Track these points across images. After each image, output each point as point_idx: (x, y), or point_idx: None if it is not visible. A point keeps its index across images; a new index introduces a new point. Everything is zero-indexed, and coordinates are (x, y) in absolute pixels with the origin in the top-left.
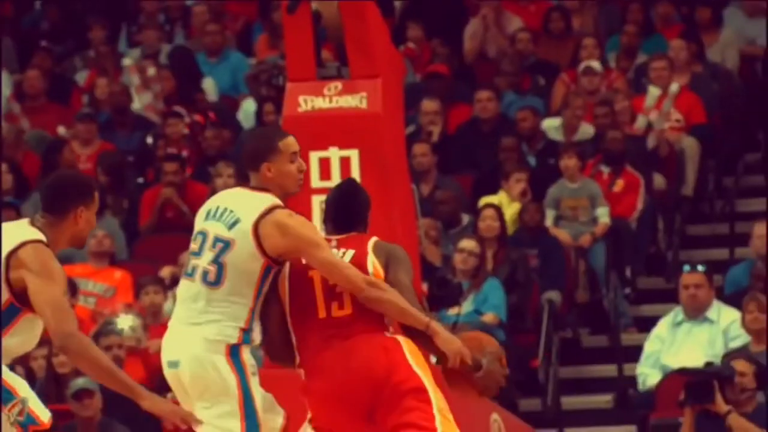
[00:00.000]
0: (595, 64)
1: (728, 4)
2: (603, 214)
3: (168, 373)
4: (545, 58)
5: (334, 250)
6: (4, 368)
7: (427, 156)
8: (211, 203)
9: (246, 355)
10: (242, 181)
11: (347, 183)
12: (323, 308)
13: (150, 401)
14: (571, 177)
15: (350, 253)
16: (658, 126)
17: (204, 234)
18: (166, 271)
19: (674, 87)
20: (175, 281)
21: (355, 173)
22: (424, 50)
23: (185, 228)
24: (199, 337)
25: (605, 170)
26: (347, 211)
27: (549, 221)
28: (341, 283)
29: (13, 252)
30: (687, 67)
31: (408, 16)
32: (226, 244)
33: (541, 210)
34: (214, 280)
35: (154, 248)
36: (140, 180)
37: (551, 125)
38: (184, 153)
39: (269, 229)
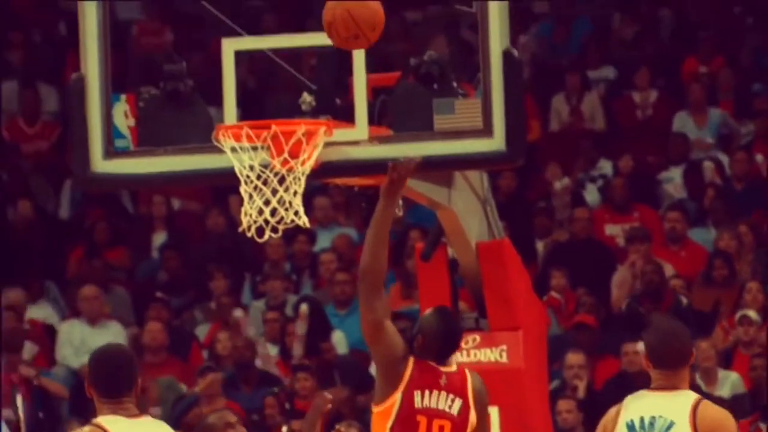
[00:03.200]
0: (752, 314)
1: None
2: None
3: None
4: (700, 308)
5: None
6: None
7: (572, 413)
8: (627, 416)
9: None
10: None
11: (446, 312)
12: None
13: None
14: None
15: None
16: None
17: None
18: None
19: None
20: None
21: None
22: (569, 300)
23: None
24: None
25: (763, 428)
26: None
27: None
28: None
29: None
30: None
31: (551, 264)
32: None
33: None
34: None
35: None
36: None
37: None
38: None
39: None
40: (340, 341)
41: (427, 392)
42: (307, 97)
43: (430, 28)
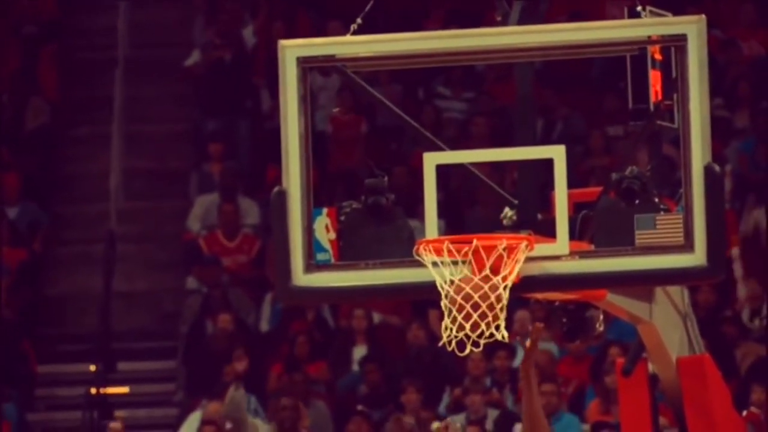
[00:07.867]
0: None
1: None
2: None
3: None
4: None
5: None
6: None
7: None
8: None
9: None
10: None
11: None
12: None
13: None
14: None
15: None
16: None
17: None
18: None
19: None
20: None
21: None
22: None
23: None
24: None
25: None
26: None
27: None
28: None
29: None
30: None
31: (752, 379)
32: None
33: None
34: None
35: None
36: None
37: None
38: None
39: None
40: None
41: None
42: (508, 212)
43: (632, 143)
